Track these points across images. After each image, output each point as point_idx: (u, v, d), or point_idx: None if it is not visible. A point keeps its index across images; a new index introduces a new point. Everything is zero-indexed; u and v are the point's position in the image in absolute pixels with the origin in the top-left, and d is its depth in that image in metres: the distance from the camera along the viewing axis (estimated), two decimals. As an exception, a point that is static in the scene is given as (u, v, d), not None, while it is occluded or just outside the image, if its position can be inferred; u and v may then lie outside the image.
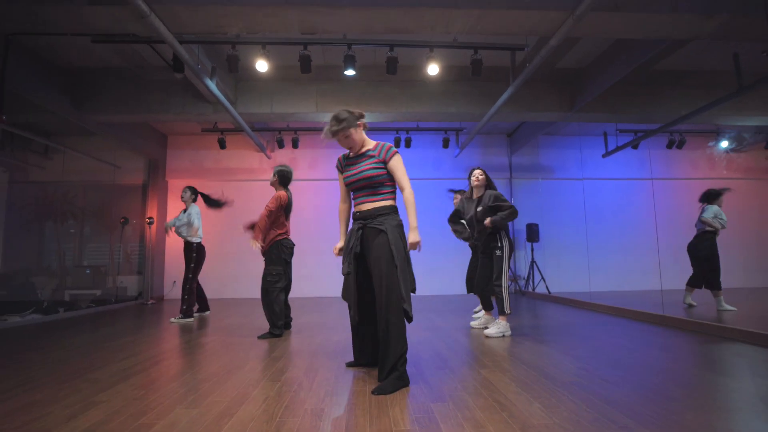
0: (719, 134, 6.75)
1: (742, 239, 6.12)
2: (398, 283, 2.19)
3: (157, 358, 2.92)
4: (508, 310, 3.58)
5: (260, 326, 4.28)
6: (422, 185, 7.94)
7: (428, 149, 8.25)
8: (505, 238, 3.68)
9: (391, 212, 2.32)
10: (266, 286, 3.72)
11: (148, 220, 7.62)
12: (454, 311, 5.39)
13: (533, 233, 7.83)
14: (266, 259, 3.77)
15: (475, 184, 3.79)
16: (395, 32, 3.96)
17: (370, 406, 1.90)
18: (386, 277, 2.18)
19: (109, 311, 6.01)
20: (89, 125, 6.16)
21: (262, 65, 4.69)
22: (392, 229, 2.26)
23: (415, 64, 5.61)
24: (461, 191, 4.87)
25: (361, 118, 2.35)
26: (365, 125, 2.39)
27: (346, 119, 2.28)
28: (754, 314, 4.75)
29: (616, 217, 7.64)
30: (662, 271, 5.28)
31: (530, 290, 7.77)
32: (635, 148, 7.10)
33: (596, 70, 5.69)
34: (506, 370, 2.48)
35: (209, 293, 5.72)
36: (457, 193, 5.03)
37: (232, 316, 5.22)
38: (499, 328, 3.57)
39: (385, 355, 2.15)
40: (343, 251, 2.42)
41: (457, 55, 5.34)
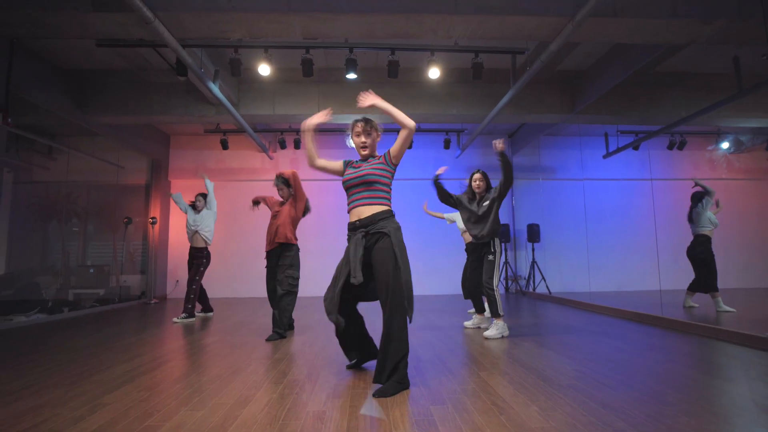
0: (719, 136, 6.78)
1: (742, 240, 6.15)
2: (402, 286, 2.23)
3: (161, 359, 2.97)
4: (501, 311, 3.66)
5: (263, 326, 4.33)
6: (423, 186, 7.97)
7: (429, 150, 8.28)
8: (497, 243, 3.79)
9: (390, 216, 2.37)
10: (290, 288, 3.80)
11: (151, 219, 7.68)
12: (452, 311, 5.44)
13: (534, 233, 7.86)
14: (289, 262, 3.84)
15: (477, 191, 3.87)
16: (397, 37, 4.00)
17: (371, 408, 1.95)
18: (391, 280, 2.22)
19: (112, 311, 6.08)
20: (93, 126, 6.21)
21: (264, 69, 4.74)
22: (394, 232, 2.31)
23: (416, 66, 5.65)
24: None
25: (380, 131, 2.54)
26: (379, 137, 2.55)
27: (374, 123, 2.48)
28: (753, 316, 4.78)
29: (616, 217, 7.67)
30: (661, 271, 5.32)
31: (531, 290, 7.81)
32: (636, 149, 7.13)
33: (597, 72, 5.72)
34: (505, 372, 2.52)
35: (211, 293, 5.78)
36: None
37: (234, 316, 5.28)
38: (497, 329, 3.63)
39: (385, 357, 2.19)
40: (347, 262, 2.36)
41: (458, 57, 5.37)
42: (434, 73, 4.95)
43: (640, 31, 3.85)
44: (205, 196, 5.16)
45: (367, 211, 2.35)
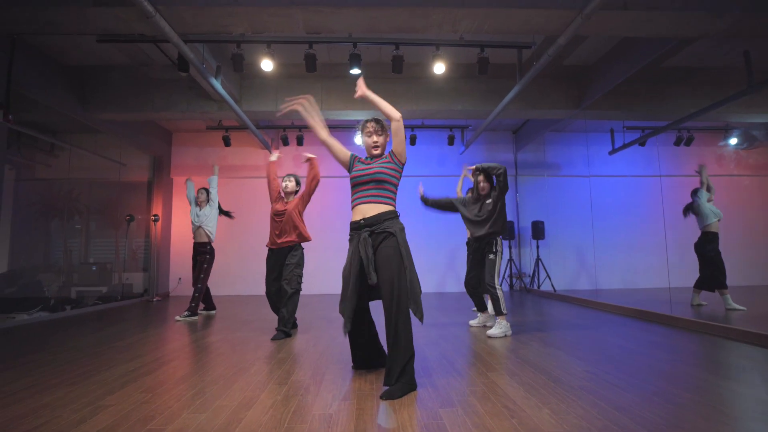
0: (727, 132, 6.68)
1: (752, 236, 6.08)
2: (407, 286, 2.19)
3: (164, 359, 2.93)
4: (504, 310, 3.63)
5: (266, 324, 4.29)
6: (427, 182, 7.87)
7: (433, 146, 8.21)
8: (499, 243, 3.80)
9: (395, 216, 2.34)
10: (297, 287, 3.76)
11: (153, 217, 7.64)
12: (457, 309, 5.39)
13: (539, 230, 7.80)
14: (297, 261, 3.80)
15: (482, 193, 3.86)
16: (401, 31, 3.93)
17: (378, 411, 1.90)
18: (397, 280, 2.17)
19: (115, 308, 6.05)
20: (95, 123, 6.17)
21: (267, 64, 4.66)
22: (399, 231, 2.28)
23: (421, 61, 5.57)
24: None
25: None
26: (388, 137, 2.53)
27: (384, 122, 2.47)
28: (765, 313, 4.72)
29: (623, 214, 7.60)
30: (669, 268, 5.25)
31: (535, 288, 7.75)
32: (642, 145, 7.04)
33: (604, 67, 5.63)
34: (514, 373, 2.47)
35: (214, 290, 5.74)
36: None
37: (237, 314, 5.24)
38: (501, 328, 3.59)
39: (393, 359, 2.15)
40: (354, 264, 2.30)
41: (463, 52, 5.30)
42: (439, 68, 4.86)
43: (650, 24, 3.76)
44: (207, 191, 5.13)
45: (372, 209, 2.31)
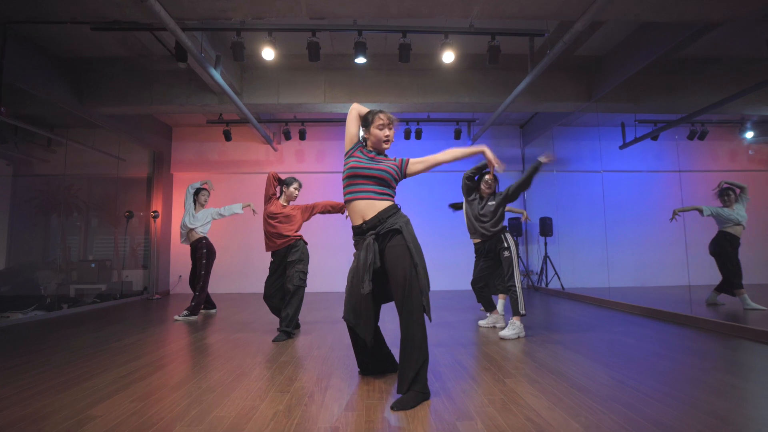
0: (743, 125, 6.46)
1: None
2: (419, 285, 2.02)
3: (159, 362, 2.78)
4: (522, 311, 3.46)
5: (267, 324, 4.13)
6: (433, 178, 7.73)
7: (439, 141, 8.01)
8: (509, 238, 3.66)
9: (397, 210, 2.18)
10: (301, 284, 3.60)
11: (153, 213, 7.49)
12: (466, 308, 5.23)
13: (547, 227, 7.61)
14: (299, 257, 3.63)
15: (487, 192, 3.72)
16: (410, 16, 3.74)
17: (389, 424, 1.73)
18: (408, 281, 2.00)
19: (114, 306, 5.91)
20: (93, 117, 6.01)
21: (268, 53, 4.48)
22: (405, 226, 2.12)
23: (428, 52, 5.38)
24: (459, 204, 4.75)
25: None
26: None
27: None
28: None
29: (636, 210, 7.37)
30: (690, 266, 5.06)
31: (543, 286, 7.57)
32: (654, 139, 6.83)
33: (617, 57, 5.42)
34: (533, 380, 2.30)
35: (214, 289, 5.59)
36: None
37: (238, 313, 5.08)
38: (514, 329, 3.41)
39: (406, 365, 1.98)
40: (356, 268, 2.14)
41: (471, 42, 5.10)
42: (448, 56, 4.64)
43: (676, 7, 3.56)
44: (208, 192, 5.00)
45: (370, 208, 2.13)
